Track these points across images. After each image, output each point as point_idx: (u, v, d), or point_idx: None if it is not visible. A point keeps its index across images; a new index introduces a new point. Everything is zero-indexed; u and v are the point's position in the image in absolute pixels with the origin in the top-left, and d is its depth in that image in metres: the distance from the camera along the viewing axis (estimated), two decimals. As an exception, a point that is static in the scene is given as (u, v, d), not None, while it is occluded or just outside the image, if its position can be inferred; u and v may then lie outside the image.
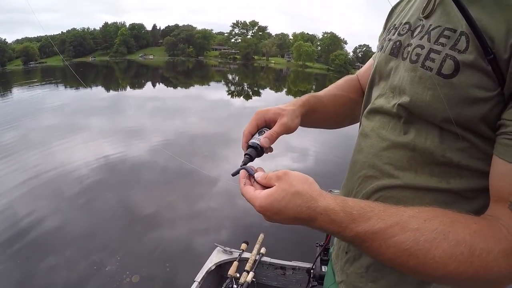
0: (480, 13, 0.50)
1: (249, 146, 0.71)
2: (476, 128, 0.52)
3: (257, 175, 0.59)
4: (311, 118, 0.82)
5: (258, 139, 0.71)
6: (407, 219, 0.48)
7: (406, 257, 0.47)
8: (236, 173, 0.67)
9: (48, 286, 3.55)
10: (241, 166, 0.66)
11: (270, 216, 0.53)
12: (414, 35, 0.63)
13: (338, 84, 0.94)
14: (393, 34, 0.71)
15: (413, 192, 0.61)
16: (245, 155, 0.70)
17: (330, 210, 0.50)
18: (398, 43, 0.68)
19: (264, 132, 0.73)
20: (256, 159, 0.71)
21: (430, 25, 0.60)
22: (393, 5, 0.79)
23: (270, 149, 0.73)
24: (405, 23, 0.68)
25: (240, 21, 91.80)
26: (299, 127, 0.78)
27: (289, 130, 0.73)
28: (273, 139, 0.70)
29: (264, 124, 0.74)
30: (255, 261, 2.31)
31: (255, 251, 2.36)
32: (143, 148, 8.31)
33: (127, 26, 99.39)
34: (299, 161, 7.19)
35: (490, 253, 0.45)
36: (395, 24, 0.73)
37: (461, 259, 0.45)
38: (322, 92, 0.89)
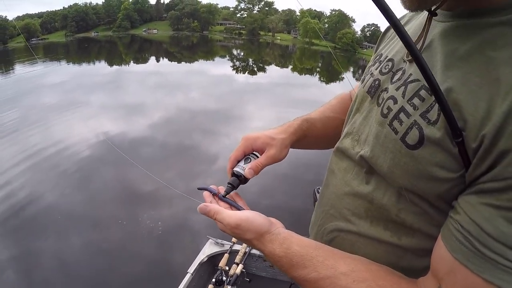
0: (460, 82, 0.44)
1: (233, 174, 0.72)
2: (433, 201, 0.50)
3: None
4: (302, 143, 0.83)
5: (242, 169, 0.72)
6: (338, 275, 0.52)
7: None
8: (202, 189, 0.71)
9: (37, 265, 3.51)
10: (223, 195, 0.69)
11: (230, 230, 0.61)
12: (393, 80, 0.58)
13: (331, 105, 0.93)
14: (376, 69, 0.65)
15: (367, 240, 0.61)
16: (228, 183, 0.71)
17: (275, 255, 0.57)
18: (377, 82, 0.63)
19: (250, 160, 0.73)
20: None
21: (410, 74, 0.53)
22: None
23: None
24: (389, 60, 0.63)
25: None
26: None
27: (276, 161, 0.75)
28: (257, 171, 0.72)
29: (251, 151, 0.75)
30: (245, 253, 2.42)
31: (245, 243, 2.40)
32: (144, 124, 8.17)
33: (130, 0, 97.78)
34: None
35: None
36: (381, 54, 0.68)
37: None
38: (315, 114, 0.89)
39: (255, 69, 24.09)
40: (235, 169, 0.72)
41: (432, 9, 0.51)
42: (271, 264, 2.39)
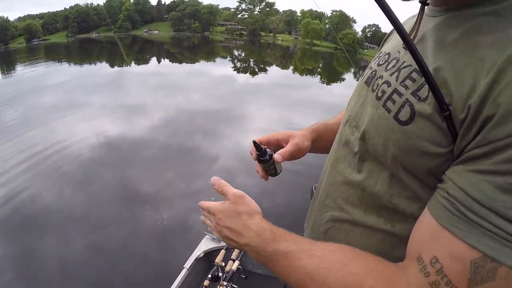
0: (449, 63, 0.47)
1: (261, 154, 0.77)
2: (423, 179, 0.50)
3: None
4: (319, 145, 0.90)
5: (271, 151, 0.78)
6: (316, 248, 0.55)
7: (308, 280, 0.52)
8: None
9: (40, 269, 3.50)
10: (257, 153, 0.77)
11: (233, 198, 0.66)
12: (388, 68, 0.61)
13: None
14: (375, 63, 0.69)
15: (361, 229, 0.63)
16: (264, 149, 0.77)
17: (261, 228, 0.60)
18: (374, 72, 0.67)
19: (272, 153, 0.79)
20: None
21: (404, 61, 0.58)
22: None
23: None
24: (386, 54, 0.66)
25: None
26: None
27: (300, 150, 0.82)
28: (285, 157, 0.78)
29: (276, 143, 0.85)
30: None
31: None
32: (144, 125, 8.17)
33: (132, 1, 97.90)
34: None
35: None
36: (382, 52, 0.72)
37: None
38: (332, 120, 0.96)
39: (256, 69, 24.09)
40: (267, 149, 0.77)
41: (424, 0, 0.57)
42: None
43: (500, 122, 0.38)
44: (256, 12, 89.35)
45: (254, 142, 0.76)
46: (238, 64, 26.99)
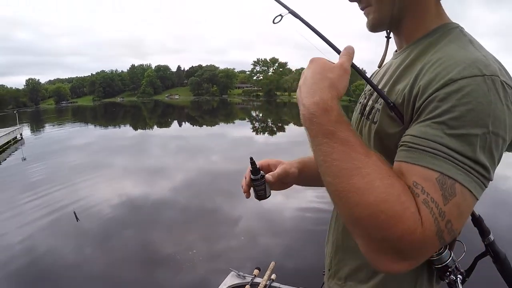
0: (399, 77, 0.72)
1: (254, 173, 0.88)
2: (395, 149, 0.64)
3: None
4: (306, 175, 0.98)
5: (264, 173, 0.90)
6: (361, 144, 0.59)
7: (356, 171, 0.54)
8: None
9: None
10: (250, 170, 0.88)
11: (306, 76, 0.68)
12: (373, 97, 0.82)
13: None
14: (364, 98, 0.89)
15: None
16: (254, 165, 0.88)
17: (333, 106, 0.60)
18: (362, 104, 0.87)
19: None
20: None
21: (379, 87, 0.77)
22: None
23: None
24: (369, 90, 0.87)
25: (261, 59, 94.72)
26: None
27: (287, 175, 0.93)
28: (274, 177, 0.90)
29: (267, 168, 0.96)
30: (265, 286, 2.57)
31: (266, 276, 2.65)
32: (165, 187, 8.21)
33: (153, 68, 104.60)
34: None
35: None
36: (365, 90, 0.93)
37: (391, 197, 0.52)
38: None
39: (275, 129, 24.51)
40: (261, 170, 0.89)
41: (387, 35, 0.81)
42: None
43: (421, 94, 0.59)
44: (270, 73, 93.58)
45: (251, 158, 0.87)
46: (257, 125, 27.60)
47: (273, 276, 2.68)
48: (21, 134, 17.53)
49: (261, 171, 0.88)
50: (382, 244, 0.53)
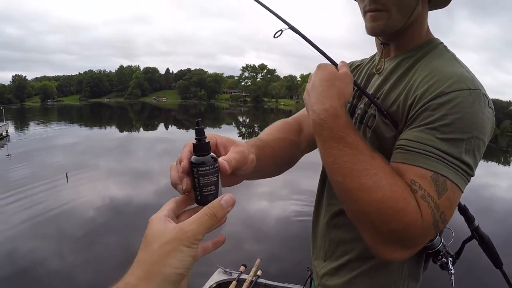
0: (394, 85, 0.76)
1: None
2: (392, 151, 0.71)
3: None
4: (261, 165, 0.69)
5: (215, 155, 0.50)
6: (366, 149, 0.64)
7: (364, 172, 0.60)
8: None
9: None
10: (194, 143, 0.50)
11: (314, 80, 0.72)
12: (365, 101, 0.84)
13: (277, 126, 0.92)
14: (351, 99, 0.91)
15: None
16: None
17: (339, 111, 0.65)
18: (351, 106, 0.90)
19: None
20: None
21: (372, 93, 0.82)
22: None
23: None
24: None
25: (250, 65, 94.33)
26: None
27: (246, 160, 0.57)
28: (231, 165, 0.51)
29: (214, 147, 0.56)
30: (251, 282, 2.61)
31: (252, 273, 2.70)
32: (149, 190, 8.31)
33: (142, 70, 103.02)
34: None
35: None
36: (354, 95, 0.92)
37: (396, 194, 0.58)
38: (264, 135, 0.85)
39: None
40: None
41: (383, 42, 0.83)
42: None
43: (416, 104, 0.66)
44: (258, 79, 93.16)
45: (199, 122, 0.51)
46: (243, 130, 27.76)
47: (259, 273, 2.77)
48: (7, 131, 17.44)
49: (211, 152, 0.49)
50: (388, 236, 0.60)
